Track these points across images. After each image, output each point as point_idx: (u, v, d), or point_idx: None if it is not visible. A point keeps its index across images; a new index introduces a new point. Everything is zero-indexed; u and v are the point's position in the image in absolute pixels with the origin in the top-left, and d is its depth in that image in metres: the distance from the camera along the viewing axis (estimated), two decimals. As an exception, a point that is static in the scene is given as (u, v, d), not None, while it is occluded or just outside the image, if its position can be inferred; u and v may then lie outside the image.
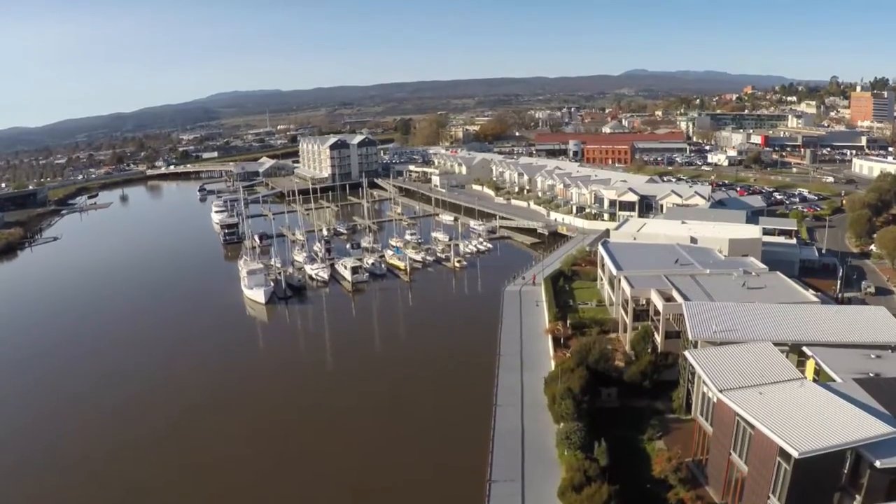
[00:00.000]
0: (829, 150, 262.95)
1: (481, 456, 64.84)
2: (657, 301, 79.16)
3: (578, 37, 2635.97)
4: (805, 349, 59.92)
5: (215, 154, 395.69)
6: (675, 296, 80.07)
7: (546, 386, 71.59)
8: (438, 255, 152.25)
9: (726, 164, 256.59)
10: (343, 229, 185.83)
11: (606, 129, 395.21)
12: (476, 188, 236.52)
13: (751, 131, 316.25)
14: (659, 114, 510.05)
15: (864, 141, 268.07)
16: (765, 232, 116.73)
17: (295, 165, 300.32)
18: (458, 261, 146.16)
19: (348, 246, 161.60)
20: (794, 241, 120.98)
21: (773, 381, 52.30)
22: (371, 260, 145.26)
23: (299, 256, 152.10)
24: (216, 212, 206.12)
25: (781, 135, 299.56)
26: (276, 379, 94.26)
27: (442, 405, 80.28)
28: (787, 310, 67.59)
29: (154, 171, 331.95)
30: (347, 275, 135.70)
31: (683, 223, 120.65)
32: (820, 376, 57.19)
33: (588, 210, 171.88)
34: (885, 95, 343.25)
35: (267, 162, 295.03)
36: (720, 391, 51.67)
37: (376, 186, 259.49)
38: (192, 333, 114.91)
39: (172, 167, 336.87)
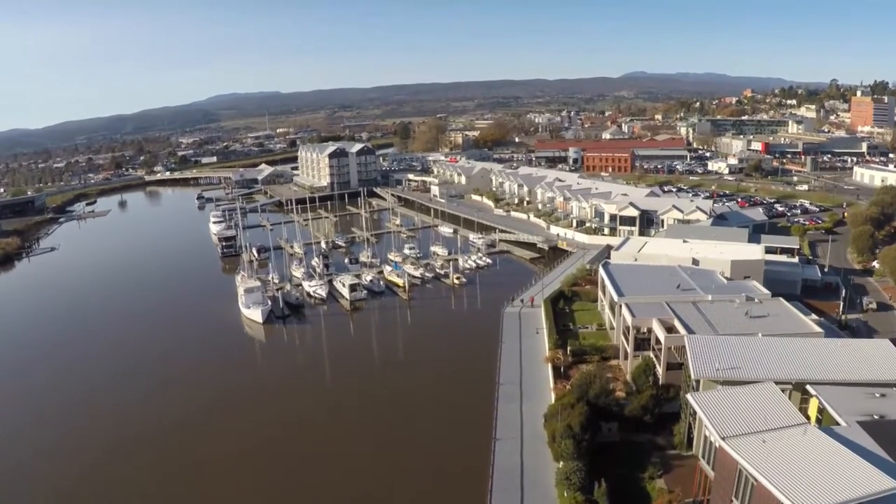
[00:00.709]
0: (830, 157, 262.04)
1: (480, 494, 64.02)
2: (659, 332, 78.18)
3: (578, 39, 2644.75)
4: (809, 388, 58.94)
5: (214, 159, 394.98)
6: (677, 325, 79.15)
7: (546, 422, 70.55)
8: (437, 270, 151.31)
9: (727, 172, 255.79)
10: (342, 242, 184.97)
11: (606, 135, 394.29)
12: (475, 198, 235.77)
13: (751, 137, 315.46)
14: (658, 118, 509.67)
15: (864, 147, 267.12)
16: (767, 250, 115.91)
17: (294, 172, 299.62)
18: (458, 277, 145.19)
19: (347, 260, 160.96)
20: (796, 259, 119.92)
21: (776, 427, 51.32)
22: (369, 277, 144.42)
23: (297, 272, 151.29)
24: (214, 222, 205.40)
25: (782, 141, 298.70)
26: (273, 404, 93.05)
27: (440, 437, 79.19)
28: (790, 344, 66.55)
29: (153, 176, 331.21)
30: (346, 292, 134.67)
31: (685, 242, 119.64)
32: (823, 417, 56.35)
33: (588, 224, 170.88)
34: (885, 100, 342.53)
35: (266, 169, 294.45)
36: (723, 438, 50.67)
37: (375, 195, 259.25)
38: (191, 355, 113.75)
39: (171, 173, 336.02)
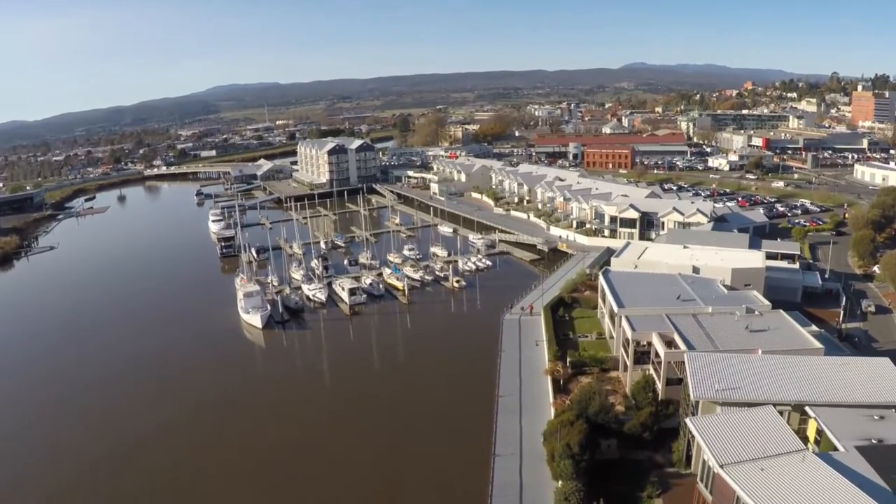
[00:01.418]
0: (831, 153, 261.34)
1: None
2: (659, 346, 78.05)
3: (578, 30, 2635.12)
4: (808, 409, 58.88)
5: (213, 153, 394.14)
6: (677, 339, 78.99)
7: (545, 440, 70.46)
8: (437, 273, 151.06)
9: (727, 168, 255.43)
10: (341, 242, 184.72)
11: (606, 130, 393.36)
12: (475, 196, 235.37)
13: (752, 132, 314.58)
14: (659, 110, 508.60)
15: (865, 143, 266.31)
16: (767, 256, 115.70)
17: (293, 168, 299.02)
18: (457, 280, 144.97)
19: (346, 262, 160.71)
20: (796, 265, 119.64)
21: (774, 454, 51.30)
22: (369, 280, 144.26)
23: (297, 274, 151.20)
24: (213, 220, 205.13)
25: (783, 136, 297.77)
26: (272, 412, 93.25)
27: (440, 450, 79.30)
28: (789, 363, 66.38)
29: (152, 171, 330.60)
30: (345, 296, 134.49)
31: (685, 248, 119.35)
32: (822, 441, 56.30)
33: (588, 226, 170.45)
34: (886, 95, 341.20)
35: (265, 165, 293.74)
36: (721, 466, 50.64)
37: (375, 192, 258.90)
38: (190, 360, 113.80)
39: (170, 168, 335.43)
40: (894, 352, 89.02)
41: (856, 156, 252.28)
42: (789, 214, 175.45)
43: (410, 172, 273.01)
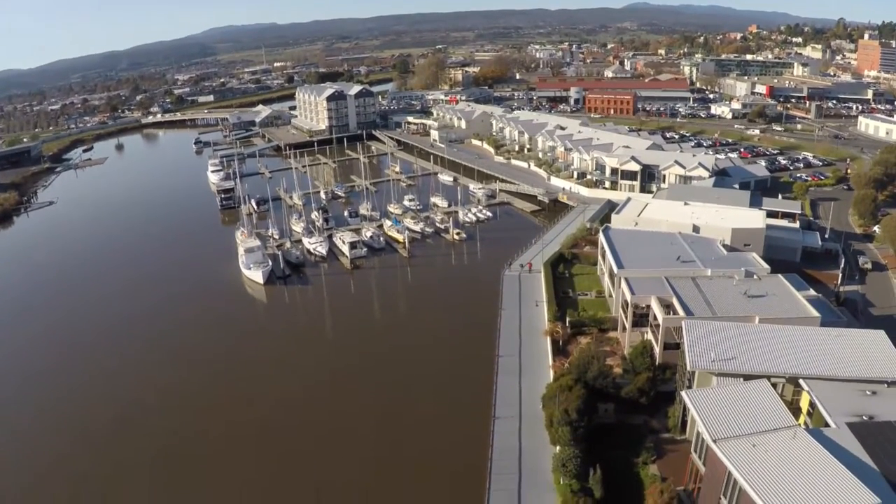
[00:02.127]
0: (835, 103, 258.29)
1: (480, 474, 65.89)
2: (657, 311, 78.99)
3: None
4: (802, 382, 60.11)
5: (211, 98, 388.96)
6: (676, 303, 79.94)
7: (544, 405, 71.88)
8: (437, 225, 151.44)
9: (730, 116, 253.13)
10: (341, 192, 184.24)
11: (608, 73, 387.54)
12: (476, 143, 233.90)
13: (756, 79, 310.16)
14: (662, 53, 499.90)
15: (870, 94, 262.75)
16: (768, 214, 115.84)
17: (292, 114, 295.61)
18: (458, 233, 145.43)
19: (346, 213, 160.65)
20: (796, 224, 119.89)
21: (767, 430, 52.61)
22: (369, 232, 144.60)
23: (297, 226, 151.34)
24: (212, 171, 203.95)
25: (787, 84, 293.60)
26: (273, 370, 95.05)
27: (441, 415, 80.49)
28: (785, 334, 67.28)
29: (149, 118, 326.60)
30: (346, 250, 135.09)
31: (686, 205, 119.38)
32: (814, 415, 57.67)
33: (589, 177, 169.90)
34: (893, 45, 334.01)
35: (263, 111, 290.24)
36: (714, 440, 52.03)
37: (374, 139, 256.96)
38: (192, 316, 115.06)
39: (168, 115, 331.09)
40: (891, 317, 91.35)
41: (860, 106, 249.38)
42: (791, 168, 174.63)
43: (410, 118, 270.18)
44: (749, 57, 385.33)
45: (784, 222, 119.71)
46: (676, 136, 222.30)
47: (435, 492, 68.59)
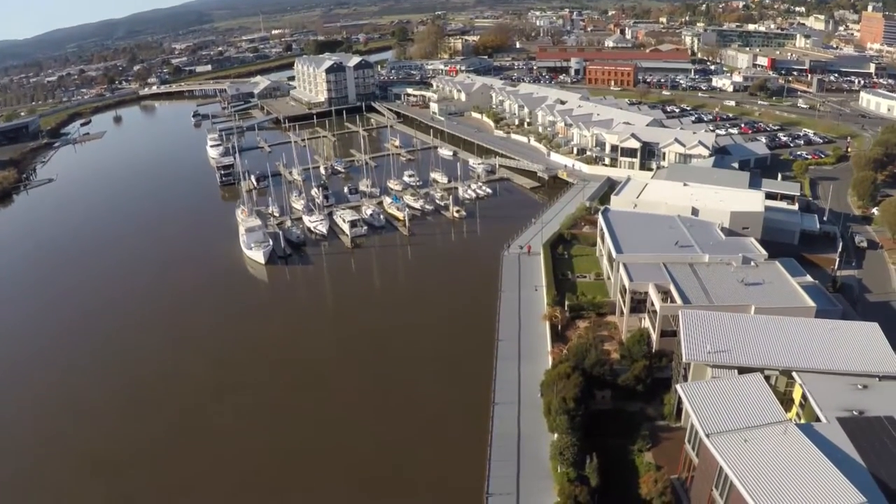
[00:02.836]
0: (837, 76, 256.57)
1: (480, 460, 67.46)
2: (655, 299, 80.00)
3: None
4: (795, 375, 61.39)
5: (209, 67, 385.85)
6: (673, 291, 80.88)
7: (542, 393, 73.23)
8: (437, 202, 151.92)
9: (731, 89, 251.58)
10: (341, 167, 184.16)
11: (609, 43, 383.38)
12: (475, 116, 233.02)
13: (757, 50, 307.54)
14: (663, 20, 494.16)
15: (872, 68, 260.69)
16: (767, 195, 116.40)
17: (290, 84, 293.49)
18: (458, 210, 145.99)
19: (346, 190, 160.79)
20: (795, 206, 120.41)
21: (759, 425, 54.00)
22: (370, 210, 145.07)
23: (297, 204, 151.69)
24: (211, 146, 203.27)
25: (788, 57, 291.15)
26: (275, 353, 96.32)
27: (441, 400, 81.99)
28: (780, 325, 68.43)
29: (147, 90, 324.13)
30: (346, 228, 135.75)
31: (685, 185, 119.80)
32: (805, 409, 59.02)
33: (589, 153, 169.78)
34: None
35: (262, 82, 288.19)
36: (707, 435, 53.44)
37: (373, 110, 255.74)
38: (194, 299, 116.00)
39: (165, 86, 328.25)
40: (887, 304, 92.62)
41: (862, 81, 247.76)
42: (791, 145, 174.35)
43: (410, 90, 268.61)
44: (751, 27, 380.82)
45: (783, 204, 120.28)
46: (677, 111, 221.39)
47: (436, 475, 70.24)
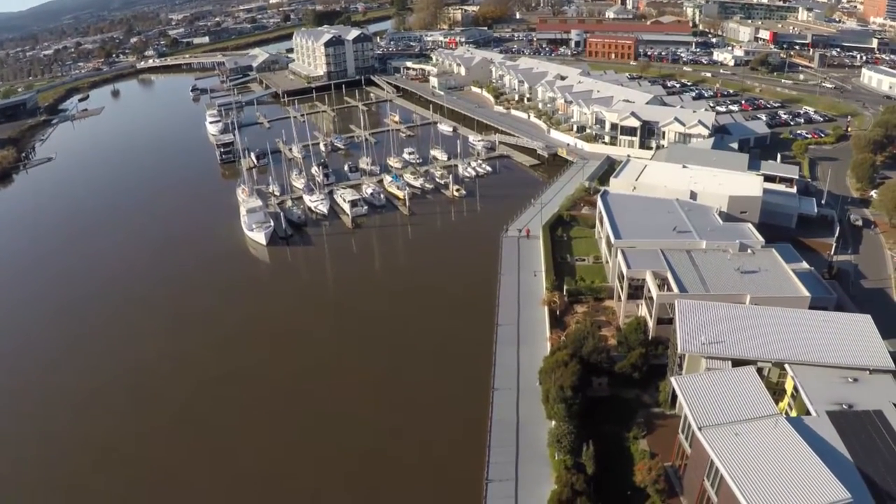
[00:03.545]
0: (839, 51, 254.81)
1: (479, 445, 69.46)
2: (652, 287, 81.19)
3: None
4: (787, 367, 62.81)
5: (206, 39, 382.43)
6: (670, 278, 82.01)
7: (540, 380, 74.69)
8: (437, 180, 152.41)
9: (732, 64, 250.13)
10: (341, 144, 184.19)
11: (610, 14, 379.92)
12: (475, 90, 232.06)
13: (760, 23, 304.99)
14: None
15: (875, 43, 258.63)
16: (765, 178, 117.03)
17: (289, 57, 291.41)
18: (457, 189, 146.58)
19: (346, 168, 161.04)
20: (793, 189, 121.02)
21: (750, 418, 55.53)
22: (370, 189, 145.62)
23: (298, 182, 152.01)
24: (210, 122, 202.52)
25: (791, 30, 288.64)
26: (277, 339, 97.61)
27: (441, 384, 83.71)
28: (774, 316, 69.72)
29: (144, 63, 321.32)
30: (347, 208, 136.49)
31: (685, 167, 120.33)
32: (796, 402, 60.52)
33: (589, 131, 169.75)
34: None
35: (260, 55, 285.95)
36: (699, 428, 55.01)
37: (373, 84, 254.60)
38: (195, 282, 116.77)
39: (162, 59, 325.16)
40: (881, 291, 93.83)
41: (864, 56, 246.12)
42: (792, 123, 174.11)
43: (409, 63, 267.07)
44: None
45: (781, 187, 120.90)
46: (678, 86, 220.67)
47: (436, 460, 72.04)
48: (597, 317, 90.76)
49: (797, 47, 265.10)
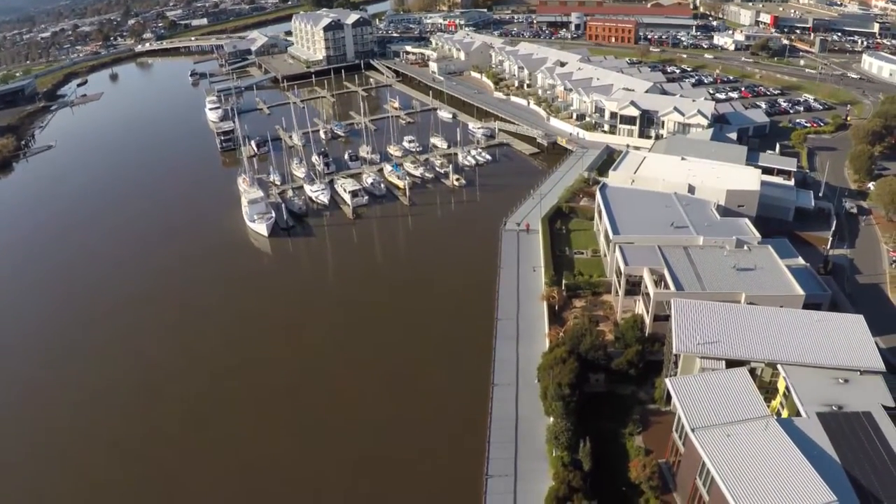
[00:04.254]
0: (840, 36, 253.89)
1: (480, 440, 71.29)
2: (649, 284, 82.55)
3: None
4: (779, 368, 64.29)
5: (204, 21, 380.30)
6: (667, 276, 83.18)
7: (539, 378, 76.17)
8: (437, 169, 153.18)
9: (733, 48, 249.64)
10: (341, 131, 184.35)
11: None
12: (475, 76, 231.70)
13: (760, 6, 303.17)
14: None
15: (876, 28, 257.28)
16: (763, 171, 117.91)
17: (288, 40, 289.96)
18: (457, 178, 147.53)
19: (346, 156, 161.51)
20: (791, 182, 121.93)
21: (741, 420, 57.12)
22: (370, 178, 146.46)
23: (298, 171, 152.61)
24: (210, 108, 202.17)
25: (792, 14, 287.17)
26: (279, 332, 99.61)
27: (441, 379, 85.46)
28: (768, 316, 71.10)
29: (142, 46, 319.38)
30: (347, 198, 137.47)
31: (683, 160, 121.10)
32: (787, 403, 62.04)
33: (588, 119, 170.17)
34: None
35: (259, 39, 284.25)
36: (692, 430, 56.59)
37: (372, 68, 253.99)
38: (198, 275, 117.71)
39: (160, 43, 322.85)
40: (876, 286, 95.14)
41: (865, 41, 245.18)
42: (791, 112, 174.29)
43: (408, 47, 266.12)
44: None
45: (779, 179, 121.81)
46: (677, 71, 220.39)
47: (436, 455, 73.79)
48: (595, 311, 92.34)
49: (798, 31, 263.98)
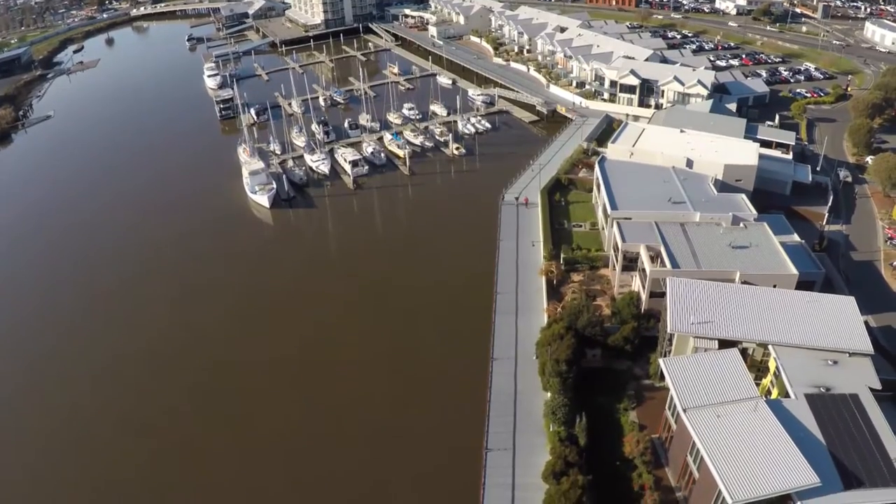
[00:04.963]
0: (843, 1, 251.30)
1: (479, 413, 73.44)
2: (646, 261, 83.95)
3: None
4: (770, 348, 66.17)
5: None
6: (663, 253, 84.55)
7: (537, 354, 78.11)
8: (437, 138, 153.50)
9: (735, 13, 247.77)
10: (340, 98, 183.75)
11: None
12: (474, 40, 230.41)
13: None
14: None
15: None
16: (762, 144, 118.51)
17: (285, 3, 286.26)
18: (457, 147, 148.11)
19: (346, 124, 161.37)
20: (789, 156, 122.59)
21: (732, 400, 59.16)
22: (370, 147, 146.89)
23: (299, 140, 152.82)
24: (209, 76, 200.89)
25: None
26: (283, 309, 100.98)
27: (443, 353, 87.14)
28: (762, 296, 72.74)
29: (138, 10, 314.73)
30: (348, 168, 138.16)
31: (682, 132, 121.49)
32: (777, 383, 64.02)
33: (588, 87, 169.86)
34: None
35: (256, 2, 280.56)
36: (684, 410, 58.65)
37: (371, 32, 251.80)
38: (200, 248, 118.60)
39: (156, 6, 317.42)
40: (870, 263, 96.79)
41: (868, 7, 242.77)
42: (792, 81, 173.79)
43: (407, 11, 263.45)
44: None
45: (777, 153, 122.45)
46: (678, 37, 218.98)
47: (437, 428, 75.87)
48: (592, 286, 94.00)
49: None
